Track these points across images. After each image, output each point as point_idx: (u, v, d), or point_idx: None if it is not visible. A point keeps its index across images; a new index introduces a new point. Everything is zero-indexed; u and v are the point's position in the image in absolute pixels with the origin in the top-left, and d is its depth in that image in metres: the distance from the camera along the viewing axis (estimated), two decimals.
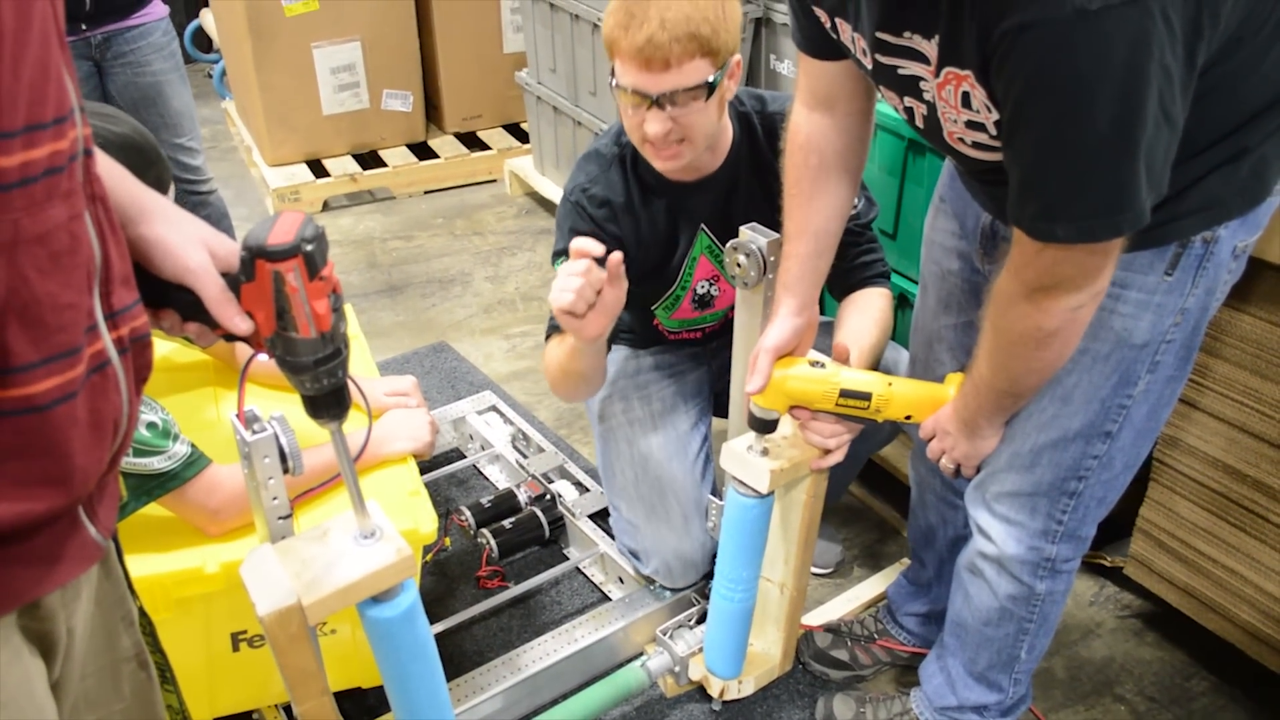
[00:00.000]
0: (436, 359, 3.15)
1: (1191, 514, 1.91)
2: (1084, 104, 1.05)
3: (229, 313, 0.94)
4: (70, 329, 0.77)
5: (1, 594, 0.81)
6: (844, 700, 1.93)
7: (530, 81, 3.84)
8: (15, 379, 0.74)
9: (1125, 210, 1.11)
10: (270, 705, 1.87)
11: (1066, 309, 1.22)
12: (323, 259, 0.93)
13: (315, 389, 0.99)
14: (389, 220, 4.14)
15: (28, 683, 0.86)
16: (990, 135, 1.22)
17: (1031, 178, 1.15)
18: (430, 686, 1.27)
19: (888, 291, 1.85)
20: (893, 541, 2.42)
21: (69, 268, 0.76)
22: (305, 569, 1.11)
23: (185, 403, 1.88)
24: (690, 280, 1.98)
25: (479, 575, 2.27)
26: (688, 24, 1.59)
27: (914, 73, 1.25)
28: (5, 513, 0.76)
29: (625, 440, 2.06)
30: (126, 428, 0.87)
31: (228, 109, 4.86)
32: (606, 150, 1.88)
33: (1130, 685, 2.04)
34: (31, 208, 0.72)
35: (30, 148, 0.72)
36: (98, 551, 0.90)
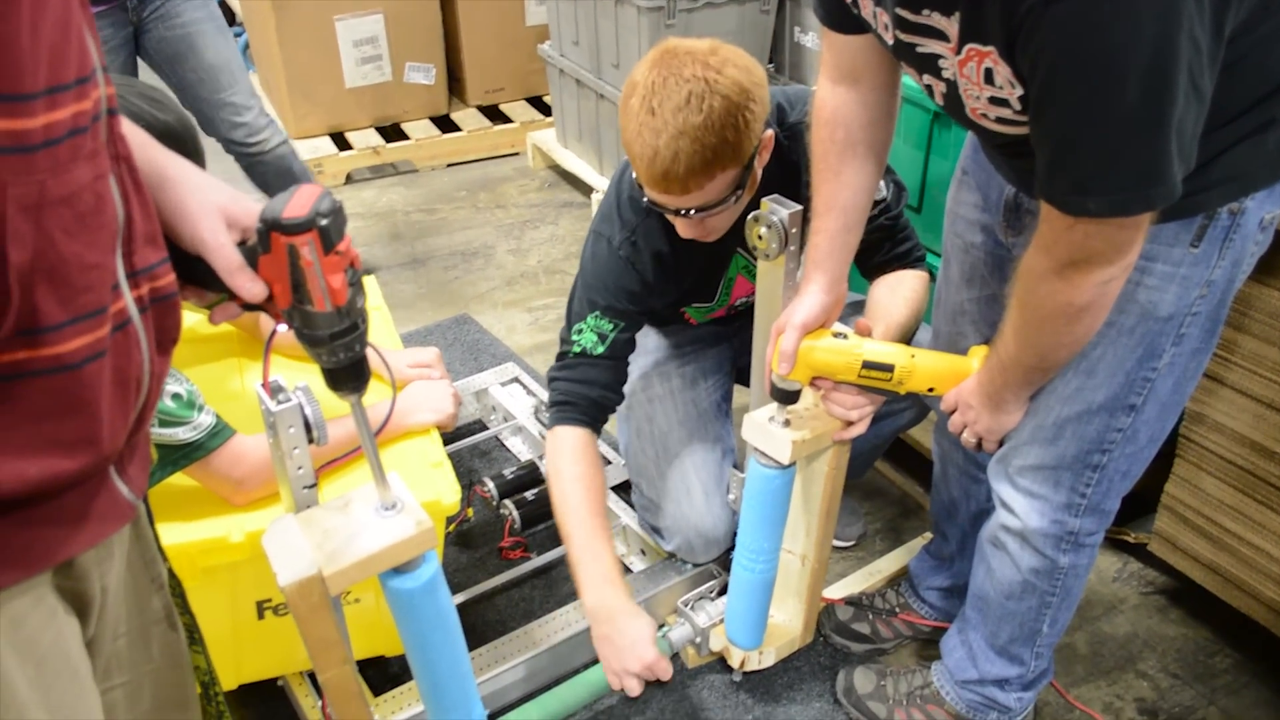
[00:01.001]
0: (459, 331, 3.16)
1: (1217, 490, 1.90)
2: (1115, 78, 1.04)
3: (242, 282, 0.95)
4: (97, 288, 0.78)
5: (36, 552, 0.82)
6: (865, 673, 1.93)
7: (553, 54, 3.82)
8: (45, 338, 0.75)
9: (1157, 183, 1.11)
10: (295, 672, 1.89)
11: (1097, 283, 1.21)
12: (339, 233, 0.93)
13: (333, 362, 0.99)
14: (411, 193, 4.15)
15: (63, 641, 0.87)
16: (1014, 110, 1.20)
17: (1062, 152, 1.14)
18: (452, 656, 1.28)
19: (923, 272, 1.83)
20: (914, 516, 2.42)
21: (94, 228, 0.77)
22: (327, 540, 1.12)
23: (210, 374, 1.89)
24: (727, 299, 1.99)
25: (501, 546, 2.28)
26: (703, 151, 1.53)
27: (932, 50, 1.24)
28: (39, 472, 0.77)
29: (645, 418, 2.06)
30: (150, 386, 0.87)
31: (251, 81, 4.86)
32: (639, 196, 1.73)
33: (1153, 661, 2.04)
34: (56, 169, 0.73)
35: (53, 109, 0.72)
36: (130, 510, 0.91)
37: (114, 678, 1.02)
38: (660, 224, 1.79)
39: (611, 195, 1.85)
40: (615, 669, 1.70)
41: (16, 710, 0.81)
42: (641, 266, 1.80)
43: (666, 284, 1.84)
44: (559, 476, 1.78)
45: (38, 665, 0.84)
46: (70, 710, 0.88)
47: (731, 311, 2.05)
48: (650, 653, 1.68)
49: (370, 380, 1.05)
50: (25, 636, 0.82)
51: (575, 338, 1.81)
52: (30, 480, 0.77)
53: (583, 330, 1.80)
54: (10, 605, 0.81)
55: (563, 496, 1.77)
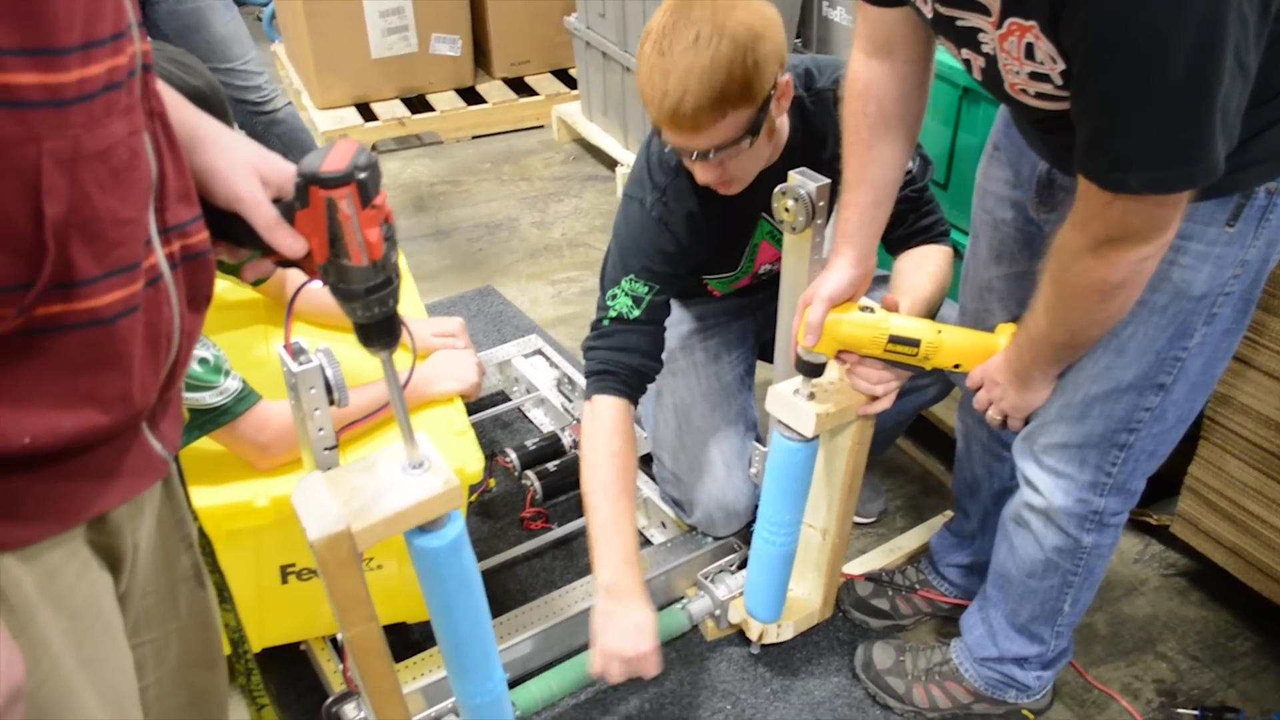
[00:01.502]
0: (483, 302, 3.16)
1: (1242, 473, 1.89)
2: (1161, 53, 1.03)
3: (280, 237, 0.95)
4: (130, 243, 0.79)
5: (71, 506, 0.83)
6: (883, 648, 1.93)
7: (579, 27, 3.81)
8: (80, 292, 0.75)
9: (1200, 161, 1.10)
10: (317, 637, 1.91)
11: (1133, 261, 1.21)
12: (375, 187, 0.93)
13: (366, 317, 0.99)
14: (436, 165, 4.15)
15: (96, 595, 0.88)
16: (1056, 86, 1.19)
17: (1104, 128, 1.13)
18: (475, 617, 1.29)
19: (948, 248, 1.83)
20: (935, 494, 2.41)
21: (128, 183, 0.77)
22: (354, 497, 1.13)
23: (236, 340, 1.90)
24: (752, 266, 1.98)
25: (523, 516, 2.29)
26: (711, 89, 1.52)
27: (973, 24, 1.23)
28: (73, 426, 0.78)
29: (668, 391, 2.06)
30: (180, 343, 0.88)
31: (277, 52, 4.87)
32: (670, 158, 1.78)
33: (1173, 643, 2.03)
34: (91, 123, 0.73)
35: (88, 64, 0.72)
36: (163, 466, 0.92)
37: (143, 634, 1.03)
38: (690, 184, 1.78)
39: (641, 159, 1.84)
40: (609, 648, 1.65)
41: (50, 661, 0.82)
42: (674, 226, 1.79)
43: (697, 244, 1.83)
44: (593, 449, 1.76)
45: (71, 618, 0.85)
46: (102, 663, 0.89)
47: (755, 280, 2.04)
48: (648, 644, 1.65)
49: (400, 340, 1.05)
50: (59, 589, 0.83)
51: (610, 304, 1.79)
52: (64, 434, 0.78)
53: (617, 295, 1.78)
54: (45, 558, 0.82)
55: (593, 470, 1.75)
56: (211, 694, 1.18)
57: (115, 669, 0.92)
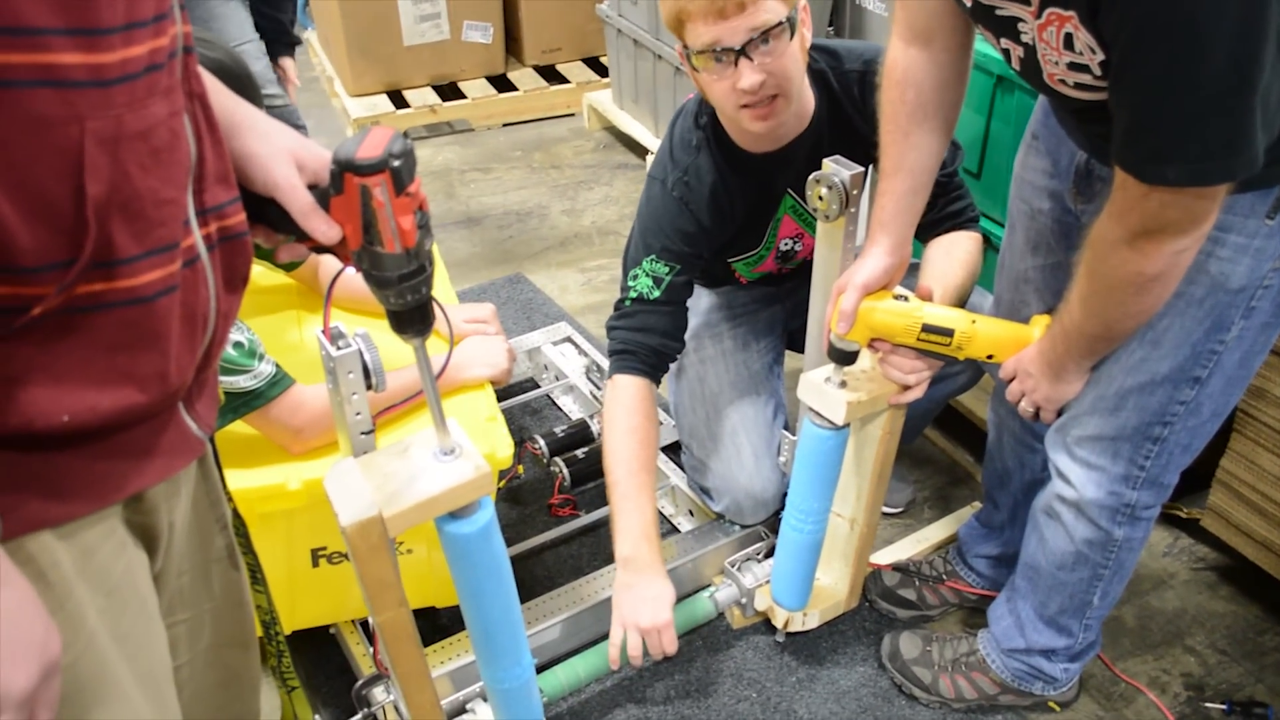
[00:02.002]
0: (513, 290, 3.17)
1: (1274, 466, 1.87)
2: (1201, 45, 1.02)
3: (316, 223, 0.96)
4: (170, 224, 0.79)
5: (108, 484, 0.84)
6: (910, 638, 1.93)
7: (610, 14, 3.81)
8: (120, 270, 0.76)
9: (1240, 153, 1.09)
10: (347, 620, 1.93)
11: (1170, 253, 1.19)
12: (410, 175, 0.94)
13: (399, 304, 1.00)
14: (467, 152, 4.16)
15: (132, 573, 0.90)
16: (1095, 76, 1.18)
17: (1142, 119, 1.12)
18: (504, 603, 1.30)
19: (977, 235, 1.82)
20: (964, 485, 2.40)
21: (169, 164, 0.78)
22: (386, 482, 1.14)
23: (270, 325, 1.92)
24: (774, 241, 1.97)
25: (551, 503, 2.30)
26: None
27: (1013, 14, 1.23)
28: (111, 404, 0.79)
29: (697, 379, 2.06)
30: (217, 324, 0.89)
31: (310, 39, 4.89)
32: (691, 136, 1.82)
33: (1201, 637, 2.02)
34: (133, 104, 0.74)
35: (130, 44, 0.73)
36: (199, 446, 0.93)
37: (177, 613, 1.05)
38: (711, 161, 1.80)
39: (665, 143, 1.86)
40: (626, 618, 1.71)
41: (86, 638, 0.84)
42: (695, 206, 1.80)
43: (720, 222, 1.83)
44: (613, 427, 1.79)
45: (108, 595, 0.86)
46: (137, 641, 0.90)
47: (781, 270, 2.03)
48: (666, 615, 1.69)
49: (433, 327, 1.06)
50: (96, 567, 0.85)
51: (631, 284, 1.81)
52: (102, 412, 0.79)
53: (639, 275, 1.80)
54: (82, 535, 0.83)
55: (614, 447, 1.78)
56: (244, 674, 1.20)
57: (150, 646, 0.93)
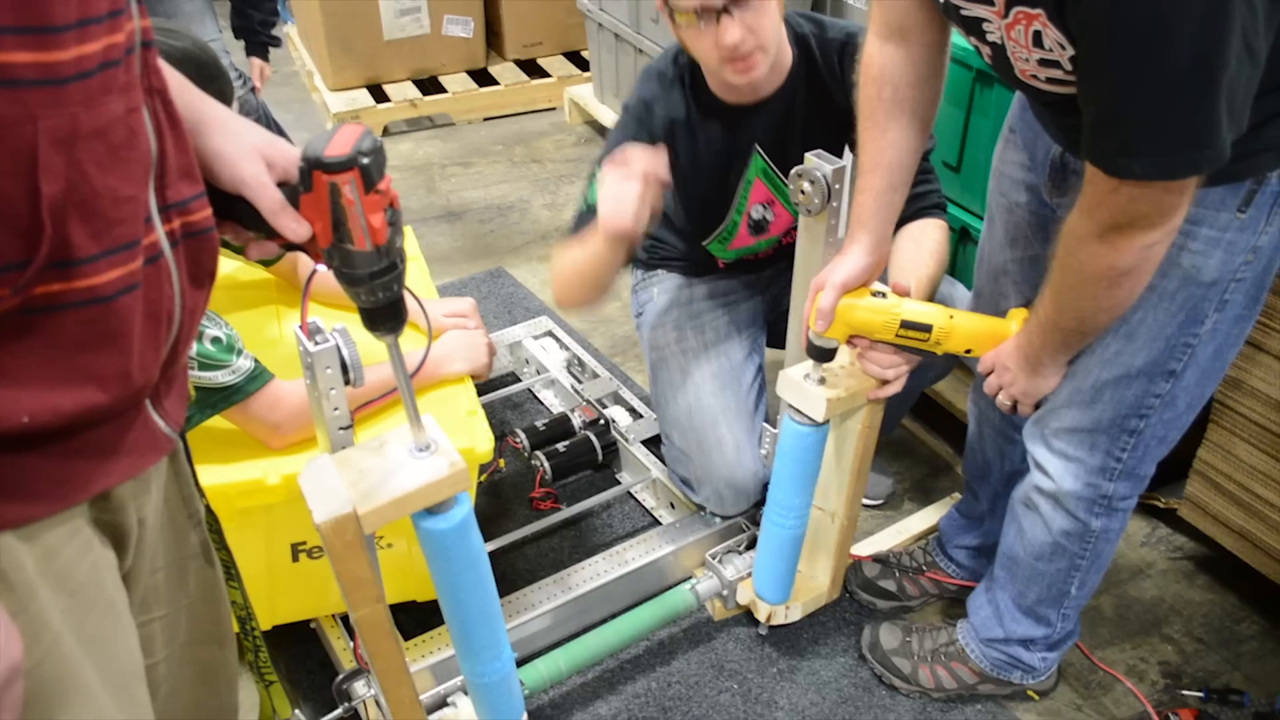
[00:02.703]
0: (493, 284, 3.17)
1: (1250, 457, 1.88)
2: (1165, 39, 1.03)
3: (284, 221, 0.95)
4: (130, 221, 0.79)
5: (72, 485, 0.83)
6: (890, 629, 1.94)
7: (591, 8, 3.80)
8: (78, 270, 0.75)
9: (1205, 147, 1.09)
10: (327, 615, 1.92)
11: (1140, 247, 1.20)
12: (379, 172, 0.93)
13: (371, 301, 1.00)
14: (448, 146, 4.15)
15: (98, 573, 0.89)
16: (1065, 71, 1.19)
17: (1109, 113, 1.13)
18: (482, 598, 1.30)
19: (943, 222, 1.83)
20: (944, 476, 2.42)
21: (127, 161, 0.77)
22: (361, 479, 1.13)
23: (249, 319, 1.91)
24: (745, 204, 1.97)
25: (532, 496, 2.30)
26: None
27: (977, 14, 1.23)
28: (73, 404, 0.78)
29: (678, 369, 2.07)
30: (182, 320, 0.88)
31: (290, 33, 4.87)
32: (666, 70, 1.87)
33: (1179, 626, 2.04)
34: (89, 101, 0.73)
35: (84, 41, 0.72)
36: (167, 443, 0.92)
37: (151, 611, 1.04)
38: (683, 99, 1.86)
39: (638, 78, 1.92)
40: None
41: (50, 640, 0.83)
42: (652, 127, 1.85)
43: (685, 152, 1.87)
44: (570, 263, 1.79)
45: (72, 596, 0.85)
46: (103, 641, 0.90)
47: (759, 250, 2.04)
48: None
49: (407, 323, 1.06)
50: (60, 568, 0.84)
51: (585, 195, 1.85)
52: (64, 413, 0.78)
53: (592, 184, 1.84)
54: (45, 536, 0.82)
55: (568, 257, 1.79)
56: (221, 671, 1.20)
57: (118, 647, 0.92)
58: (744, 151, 1.91)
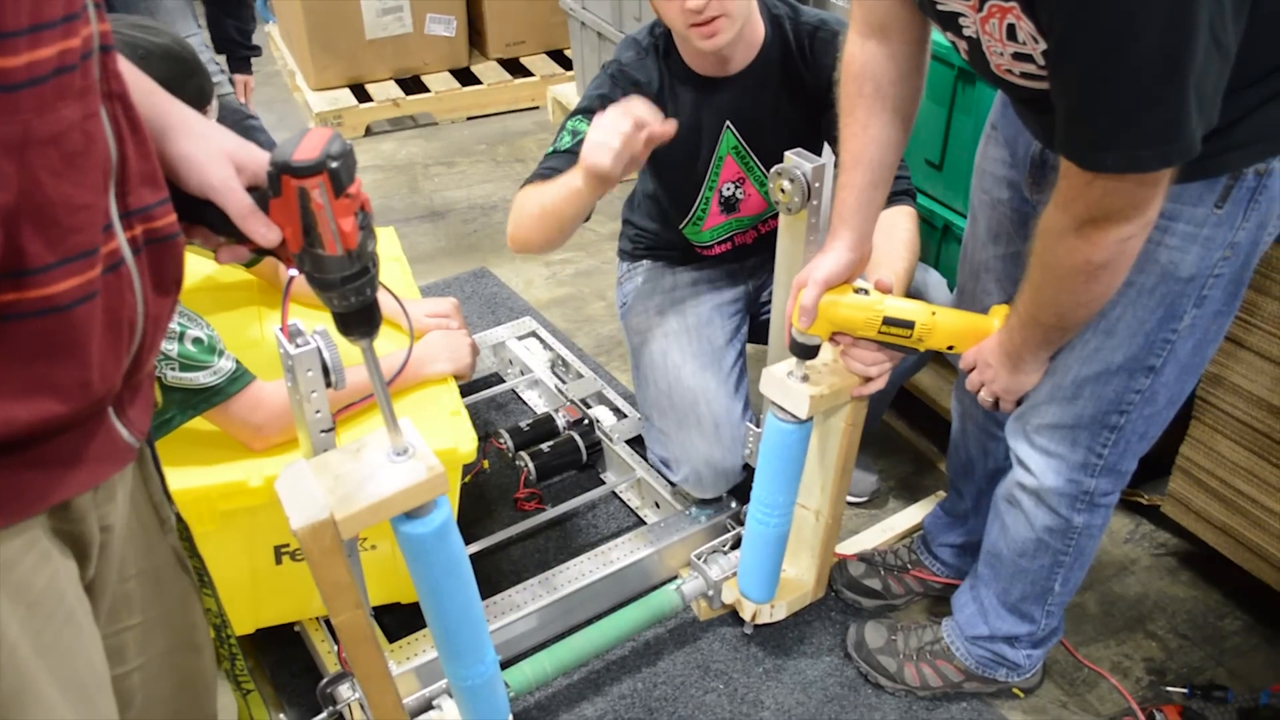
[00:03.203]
0: (477, 284, 3.16)
1: (1232, 453, 1.89)
2: (1131, 31, 1.03)
3: (254, 225, 0.94)
4: (87, 229, 0.77)
5: (29, 495, 0.81)
6: (875, 627, 1.94)
7: (574, 7, 3.79)
8: (33, 280, 0.74)
9: (1175, 140, 1.09)
10: (311, 618, 1.91)
11: (1116, 240, 1.20)
12: (349, 176, 0.92)
13: (343, 306, 0.99)
14: (431, 146, 4.13)
15: (57, 583, 0.87)
16: (1038, 65, 1.19)
17: (1079, 107, 1.13)
18: (464, 602, 1.30)
19: (912, 210, 1.83)
20: (929, 474, 2.42)
21: (83, 168, 0.76)
22: (339, 484, 1.13)
23: (230, 320, 1.90)
24: (716, 181, 1.99)
25: (517, 497, 2.30)
26: None
27: (952, 9, 1.23)
28: (29, 415, 0.77)
29: (660, 351, 2.07)
30: (146, 328, 0.86)
31: (271, 33, 4.85)
32: (643, 39, 1.93)
33: (1163, 622, 2.04)
34: (41, 108, 0.71)
35: (36, 47, 0.70)
36: (130, 453, 0.91)
37: (124, 620, 1.02)
38: (657, 66, 1.91)
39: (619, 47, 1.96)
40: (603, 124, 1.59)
41: (6, 651, 0.81)
42: (624, 85, 1.88)
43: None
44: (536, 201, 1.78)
45: (30, 607, 0.83)
46: (64, 653, 0.88)
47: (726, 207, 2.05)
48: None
49: (382, 325, 1.05)
50: (17, 579, 0.82)
51: (555, 142, 1.88)
52: (21, 423, 0.77)
53: (561, 135, 1.87)
54: (2, 548, 0.81)
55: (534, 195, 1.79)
56: (198, 678, 1.19)
57: (78, 658, 0.90)
58: (715, 126, 1.93)
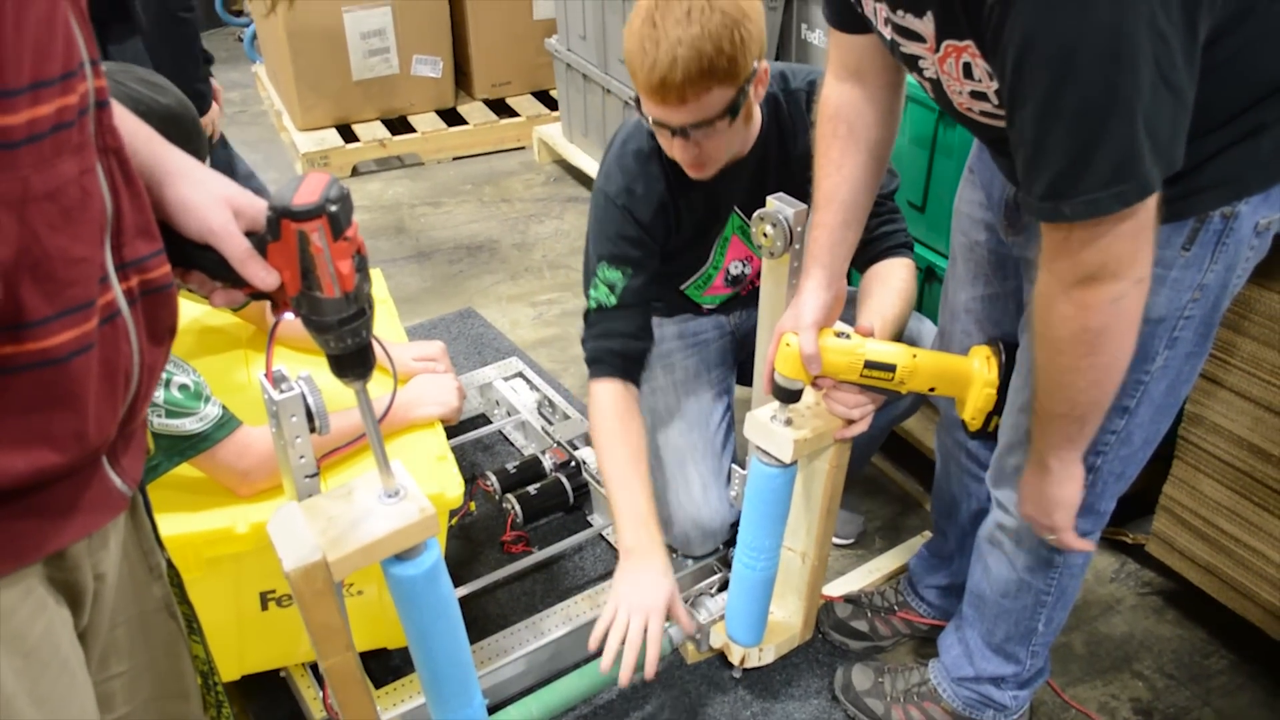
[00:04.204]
0: (463, 325, 3.17)
1: (1215, 492, 1.91)
2: (1072, 70, 1.04)
3: (253, 269, 0.95)
4: (84, 282, 0.78)
5: (25, 545, 0.82)
6: (862, 670, 1.94)
7: (560, 48, 3.83)
8: (31, 333, 0.74)
9: (1129, 179, 1.08)
10: (297, 664, 1.91)
11: (1109, 301, 1.17)
12: (347, 219, 0.94)
13: (340, 348, 1.00)
14: (417, 186, 4.16)
15: (53, 633, 0.87)
16: (994, 105, 1.21)
17: (1034, 155, 1.12)
18: (452, 645, 1.30)
19: (910, 262, 1.85)
20: (914, 514, 2.43)
21: (80, 222, 0.77)
22: (330, 526, 1.13)
23: (217, 365, 1.90)
24: (722, 261, 2.00)
25: (503, 540, 2.29)
26: (700, 60, 1.57)
27: (912, 52, 1.26)
28: (26, 466, 0.77)
29: (647, 409, 2.07)
30: (140, 379, 0.87)
31: (258, 73, 4.88)
32: (643, 145, 1.86)
33: (1149, 662, 2.05)
34: (40, 164, 0.73)
35: (37, 104, 0.72)
36: (123, 501, 0.91)
37: (112, 667, 1.02)
38: (661, 170, 1.85)
39: (612, 154, 1.90)
40: (628, 602, 1.67)
41: (4, 702, 0.81)
42: (639, 213, 1.85)
43: (665, 223, 1.89)
44: (597, 431, 1.84)
45: (26, 657, 0.83)
46: (58, 702, 0.88)
47: (730, 286, 2.06)
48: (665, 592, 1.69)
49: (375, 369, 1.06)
50: (13, 629, 0.82)
51: (592, 294, 1.86)
52: (18, 474, 0.77)
53: (596, 285, 1.86)
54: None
55: (601, 448, 1.83)
56: None
57: (72, 707, 0.90)
58: (722, 212, 1.93)
